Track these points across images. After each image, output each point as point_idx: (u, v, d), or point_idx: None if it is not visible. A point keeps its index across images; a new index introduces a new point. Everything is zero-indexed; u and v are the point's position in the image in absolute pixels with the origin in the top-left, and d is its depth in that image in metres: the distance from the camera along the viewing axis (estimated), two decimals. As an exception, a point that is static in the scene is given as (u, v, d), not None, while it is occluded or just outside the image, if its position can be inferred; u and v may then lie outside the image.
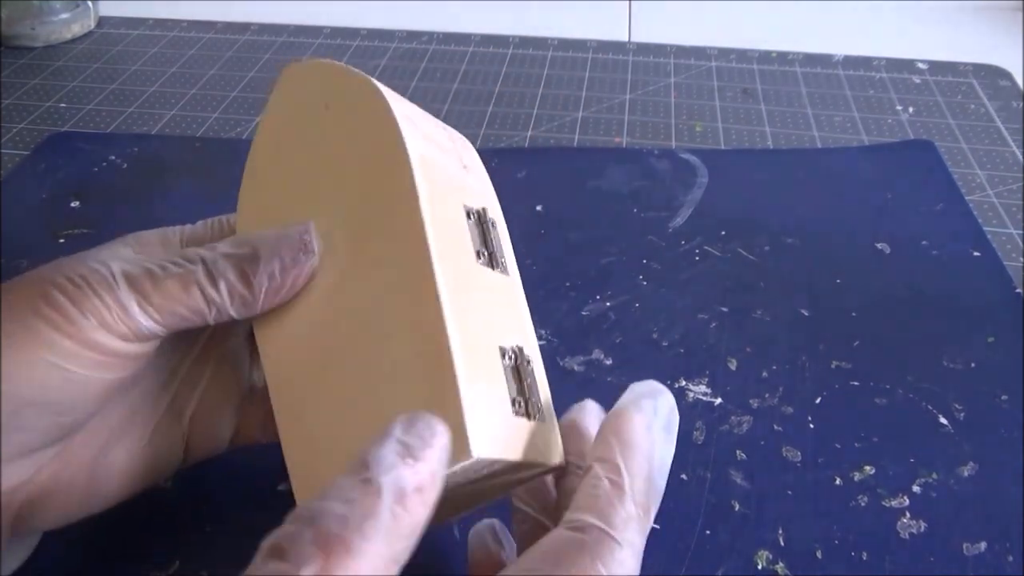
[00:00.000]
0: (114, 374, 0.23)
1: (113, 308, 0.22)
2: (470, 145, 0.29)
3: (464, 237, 0.24)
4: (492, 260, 0.25)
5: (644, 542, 0.20)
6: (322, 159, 0.26)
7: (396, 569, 0.17)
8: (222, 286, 0.23)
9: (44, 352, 0.22)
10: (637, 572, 0.20)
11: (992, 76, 0.60)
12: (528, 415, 0.22)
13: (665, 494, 0.31)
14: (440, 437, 0.18)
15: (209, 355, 0.29)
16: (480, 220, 0.25)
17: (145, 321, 0.23)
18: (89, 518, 0.26)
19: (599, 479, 0.21)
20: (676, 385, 0.36)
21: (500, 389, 0.22)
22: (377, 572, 0.16)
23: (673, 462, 0.33)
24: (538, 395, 0.23)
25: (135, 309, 0.23)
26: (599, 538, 0.19)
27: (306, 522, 0.16)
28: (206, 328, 0.27)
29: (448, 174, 0.25)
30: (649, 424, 0.22)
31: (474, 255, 0.24)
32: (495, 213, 0.27)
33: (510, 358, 0.23)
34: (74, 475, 0.25)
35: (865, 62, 0.61)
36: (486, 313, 0.23)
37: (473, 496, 0.25)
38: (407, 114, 0.25)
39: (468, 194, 0.25)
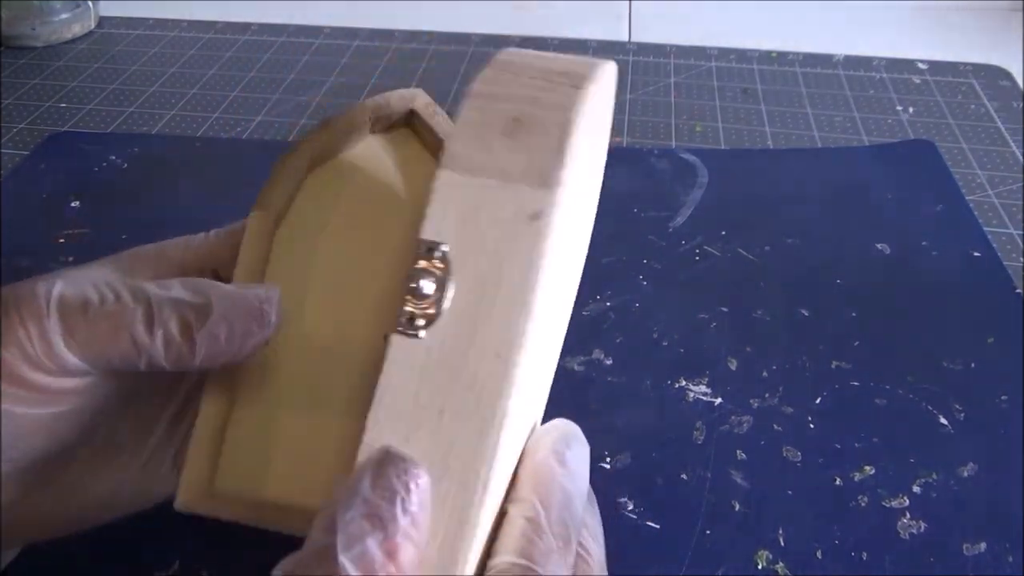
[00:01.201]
0: (48, 409, 0.22)
1: (36, 341, 0.20)
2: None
3: None
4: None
5: (570, 568, 0.20)
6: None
7: None
8: (158, 336, 0.21)
9: None
10: None
11: (992, 76, 0.60)
12: None
13: (665, 494, 0.32)
14: (421, 486, 0.17)
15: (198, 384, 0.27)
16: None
17: (71, 359, 0.21)
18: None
19: (515, 519, 0.20)
20: (676, 385, 0.36)
21: None
22: None
23: (673, 462, 0.33)
24: None
25: (59, 345, 0.21)
26: None
27: None
28: None
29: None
30: (560, 457, 0.21)
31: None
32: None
33: None
34: (52, 503, 0.24)
35: (865, 62, 0.61)
36: None
37: None
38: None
39: None
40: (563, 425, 0.22)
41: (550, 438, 0.22)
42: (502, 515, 0.20)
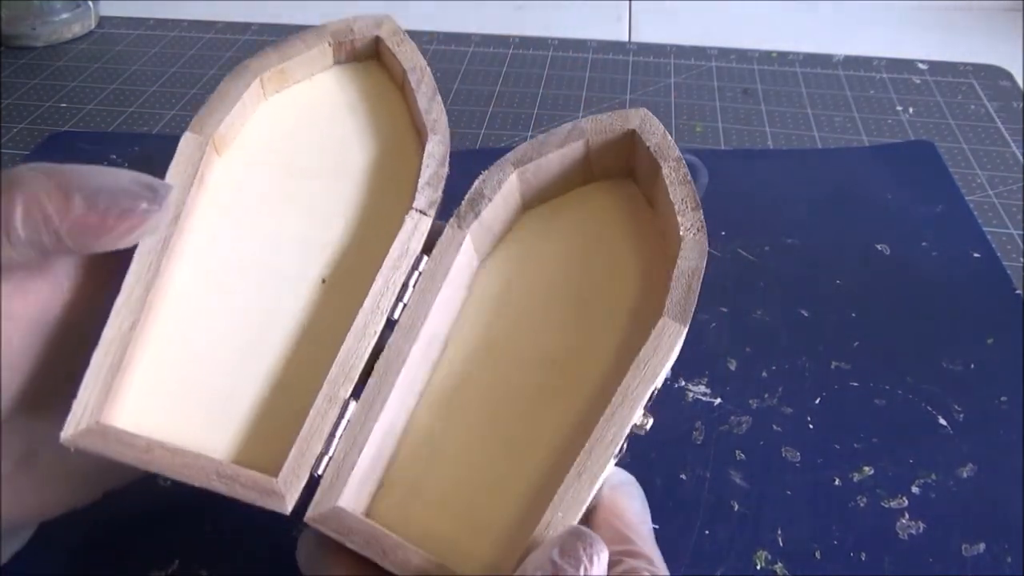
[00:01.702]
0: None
1: None
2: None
3: None
4: None
5: None
6: None
7: None
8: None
9: None
10: None
11: (992, 76, 0.60)
12: None
13: (664, 494, 0.32)
14: (600, 561, 0.19)
15: None
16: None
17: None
18: (89, 516, 0.26)
19: (632, 567, 0.22)
20: (676, 385, 0.36)
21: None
22: None
23: (672, 462, 0.33)
24: None
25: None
26: None
27: None
28: None
29: None
30: (641, 509, 0.24)
31: None
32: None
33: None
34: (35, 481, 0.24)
35: (865, 62, 0.61)
36: None
37: None
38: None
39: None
40: (630, 479, 0.25)
41: (632, 489, 0.25)
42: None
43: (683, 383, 0.36)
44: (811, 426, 0.34)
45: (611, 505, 0.23)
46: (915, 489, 0.32)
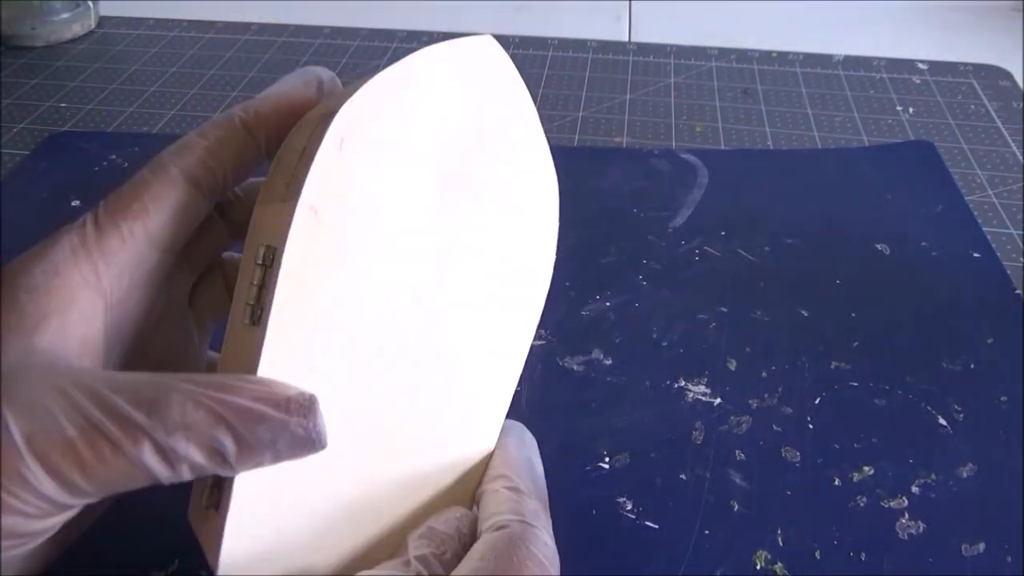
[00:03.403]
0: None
1: (18, 489, 0.17)
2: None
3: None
4: (253, 312, 0.21)
5: (551, 534, 0.23)
6: None
7: None
8: (183, 468, 0.18)
9: None
10: (557, 556, 0.22)
11: (992, 76, 0.60)
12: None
13: (664, 494, 0.32)
14: None
15: (166, 339, 0.25)
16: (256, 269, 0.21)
17: (67, 499, 0.18)
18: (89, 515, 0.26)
19: (499, 490, 0.23)
20: (676, 385, 0.36)
21: None
22: None
23: (672, 462, 0.33)
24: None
25: (47, 487, 0.18)
26: (521, 528, 0.22)
27: None
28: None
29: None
30: (519, 443, 0.26)
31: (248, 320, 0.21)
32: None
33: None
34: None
35: (865, 62, 0.61)
36: None
37: None
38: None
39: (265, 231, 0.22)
40: (517, 425, 0.27)
41: (515, 431, 0.26)
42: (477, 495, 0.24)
43: (683, 383, 0.36)
44: (811, 426, 0.34)
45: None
46: (915, 489, 0.32)
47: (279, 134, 0.24)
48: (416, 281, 0.23)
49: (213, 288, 0.28)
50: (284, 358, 0.20)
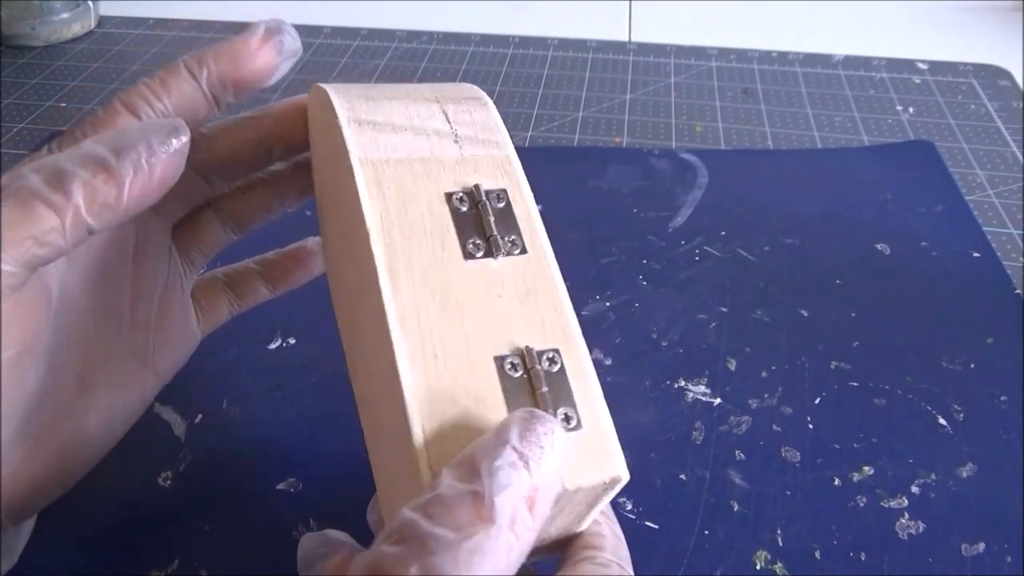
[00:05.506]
0: (6, 352, 0.21)
1: None
2: (479, 96, 0.25)
3: (444, 235, 0.21)
4: (492, 247, 0.21)
5: None
6: (332, 183, 0.25)
7: None
8: (75, 187, 0.20)
9: None
10: None
11: (992, 76, 0.60)
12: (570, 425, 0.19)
13: (664, 494, 0.32)
14: (559, 443, 0.17)
15: (142, 273, 0.27)
16: (473, 201, 0.22)
17: None
18: (89, 516, 0.26)
19: (605, 531, 0.22)
20: (675, 385, 0.36)
21: (499, 410, 0.19)
22: None
23: (672, 462, 0.33)
24: (572, 400, 0.20)
25: None
26: None
27: (412, 548, 0.15)
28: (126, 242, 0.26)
29: (419, 165, 0.22)
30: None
31: (460, 252, 0.21)
32: (506, 180, 0.23)
33: (513, 366, 0.19)
34: (52, 449, 0.24)
35: (865, 62, 0.61)
36: (477, 320, 0.20)
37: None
38: (363, 114, 0.23)
39: (459, 172, 0.23)
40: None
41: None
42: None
43: (683, 383, 0.36)
44: (811, 426, 0.34)
45: None
46: (915, 489, 0.32)
47: (220, 75, 0.25)
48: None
49: (202, 225, 0.29)
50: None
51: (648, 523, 0.30)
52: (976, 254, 0.43)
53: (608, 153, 0.51)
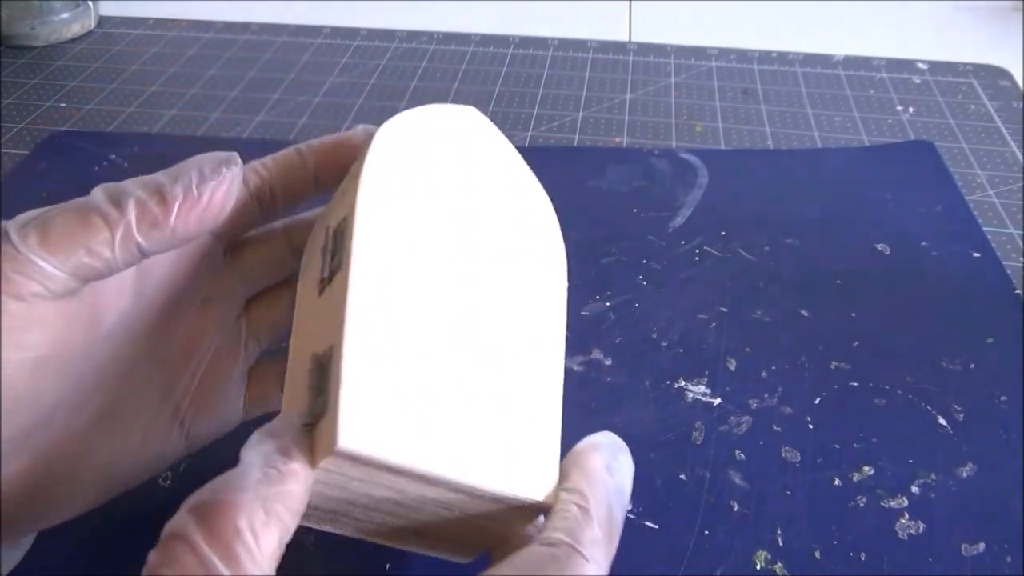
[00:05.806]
0: (27, 353, 0.21)
1: (8, 261, 0.20)
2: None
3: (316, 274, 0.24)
4: (323, 281, 0.23)
5: (608, 567, 0.21)
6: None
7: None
8: (129, 205, 0.21)
9: None
10: None
11: (992, 76, 0.60)
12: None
13: (664, 494, 0.32)
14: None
15: (204, 330, 0.27)
16: (330, 240, 0.24)
17: (46, 267, 0.20)
18: (89, 516, 0.26)
19: (568, 504, 0.22)
20: (675, 385, 0.36)
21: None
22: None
23: (672, 462, 0.33)
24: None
25: (31, 251, 0.21)
26: (569, 553, 0.20)
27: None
28: (194, 297, 0.26)
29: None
30: (608, 464, 0.23)
31: (317, 287, 0.24)
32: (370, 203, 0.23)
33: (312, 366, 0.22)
34: (51, 471, 0.23)
35: (865, 62, 0.61)
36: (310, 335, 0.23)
37: (462, 528, 0.24)
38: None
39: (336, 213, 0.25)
40: (614, 443, 0.24)
41: (608, 449, 0.24)
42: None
43: (683, 383, 0.36)
44: (811, 426, 0.34)
45: (579, 452, 0.24)
46: (915, 489, 0.32)
47: (327, 160, 0.27)
48: (459, 309, 0.23)
49: (274, 305, 0.29)
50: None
51: (648, 523, 0.31)
52: (976, 254, 0.43)
53: (608, 153, 0.51)
